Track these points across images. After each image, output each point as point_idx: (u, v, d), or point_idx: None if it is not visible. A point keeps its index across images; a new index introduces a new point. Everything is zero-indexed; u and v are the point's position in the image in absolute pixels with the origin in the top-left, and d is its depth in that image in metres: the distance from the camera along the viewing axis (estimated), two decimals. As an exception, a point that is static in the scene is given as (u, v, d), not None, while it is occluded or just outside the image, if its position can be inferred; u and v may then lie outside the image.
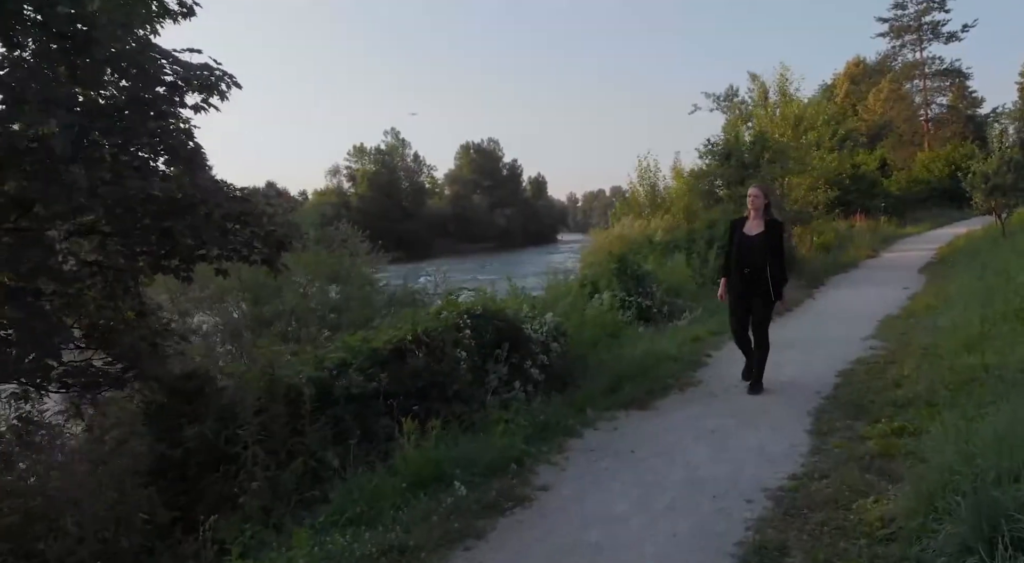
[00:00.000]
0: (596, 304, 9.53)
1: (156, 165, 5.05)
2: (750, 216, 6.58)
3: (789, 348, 8.38)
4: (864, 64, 58.18)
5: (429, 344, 5.87)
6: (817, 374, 7.04)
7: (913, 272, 16.73)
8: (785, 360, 7.69)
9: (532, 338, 6.57)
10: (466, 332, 6.14)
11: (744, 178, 18.55)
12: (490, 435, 4.92)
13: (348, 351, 5.77)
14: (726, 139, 19.61)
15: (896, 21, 56.82)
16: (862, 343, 8.37)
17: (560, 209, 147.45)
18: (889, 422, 5.04)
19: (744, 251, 6.48)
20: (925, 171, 42.68)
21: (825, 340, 8.75)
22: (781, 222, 6.74)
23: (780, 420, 5.58)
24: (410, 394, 5.53)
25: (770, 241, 6.43)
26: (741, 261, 6.49)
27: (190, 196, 5.16)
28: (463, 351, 5.94)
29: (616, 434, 5.38)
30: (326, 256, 12.56)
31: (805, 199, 21.22)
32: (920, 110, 55.76)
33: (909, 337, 8.27)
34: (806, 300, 12.79)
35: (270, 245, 5.53)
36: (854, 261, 20.01)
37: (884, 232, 28.45)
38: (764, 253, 6.38)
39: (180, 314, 10.72)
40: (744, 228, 6.56)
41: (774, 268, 6.41)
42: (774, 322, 10.34)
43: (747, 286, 6.48)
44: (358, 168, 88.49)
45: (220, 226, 5.33)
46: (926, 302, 10.77)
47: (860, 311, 11.03)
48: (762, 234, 6.44)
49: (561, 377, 6.96)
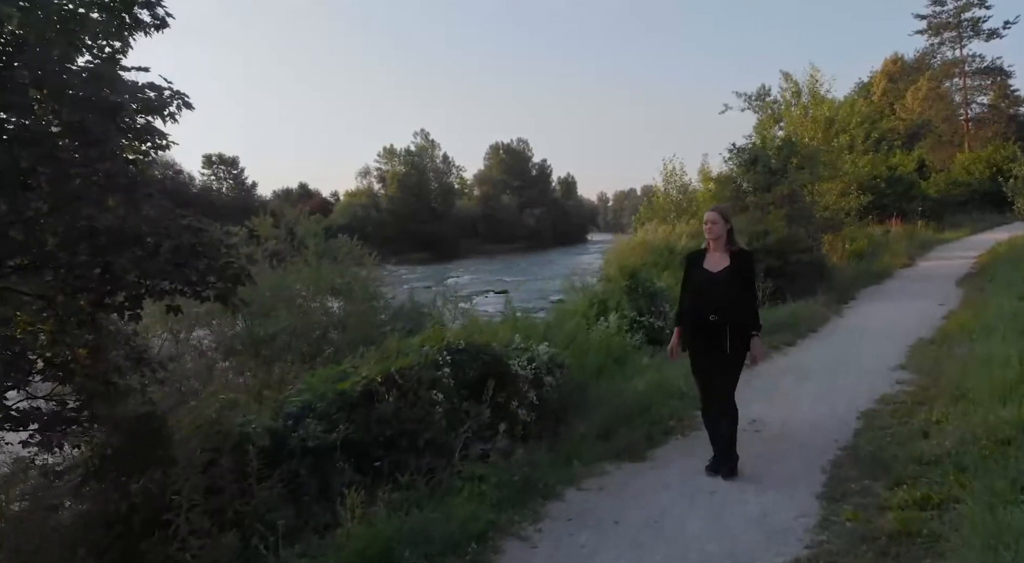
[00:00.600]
0: (603, 327, 8.94)
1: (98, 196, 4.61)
2: (709, 248, 5.24)
3: (808, 379, 7.76)
4: (902, 62, 56.63)
5: (402, 386, 5.36)
6: (837, 414, 6.41)
7: (950, 284, 15.85)
8: (803, 394, 7.07)
9: (520, 375, 6.01)
10: (445, 371, 5.62)
11: (771, 185, 17.83)
12: (457, 498, 4.38)
13: (312, 394, 5.30)
14: (752, 144, 18.85)
15: (935, 18, 55.23)
16: (890, 375, 7.69)
17: (590, 209, 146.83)
18: (912, 487, 4.41)
19: (705, 292, 5.11)
20: (965, 173, 41.23)
21: (850, 369, 8.09)
22: (750, 252, 5.39)
23: (789, 477, 4.98)
24: (377, 444, 5.03)
25: (738, 278, 5.08)
26: (702, 305, 5.08)
27: (134, 227, 4.72)
28: (440, 393, 5.42)
29: (602, 496, 4.79)
30: (328, 269, 12.12)
31: (836, 205, 20.37)
32: (960, 109, 54.14)
33: (941, 370, 7.56)
34: (833, 317, 12.07)
35: (225, 279, 5.07)
36: (888, 270, 19.12)
37: (921, 238, 27.35)
38: (731, 294, 5.03)
39: (173, 333, 10.36)
40: (705, 263, 5.20)
41: (745, 313, 5.09)
42: (794, 346, 9.77)
43: (710, 339, 5.08)
44: (388, 169, 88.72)
45: (170, 259, 4.88)
46: (962, 323, 9.99)
47: (891, 332, 10.31)
48: (728, 270, 5.08)
49: (555, 414, 6.42)
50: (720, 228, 5.15)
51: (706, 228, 5.23)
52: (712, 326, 5.01)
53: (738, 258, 5.15)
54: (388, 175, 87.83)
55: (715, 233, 5.15)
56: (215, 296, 5.07)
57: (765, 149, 18.37)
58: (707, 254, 5.23)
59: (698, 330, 5.15)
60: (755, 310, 5.22)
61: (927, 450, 5.09)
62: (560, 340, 8.40)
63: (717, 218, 5.18)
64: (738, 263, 5.12)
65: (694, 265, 5.27)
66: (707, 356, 5.17)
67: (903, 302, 13.46)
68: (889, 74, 55.36)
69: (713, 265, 5.15)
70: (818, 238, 18.45)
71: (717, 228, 5.15)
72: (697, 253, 5.37)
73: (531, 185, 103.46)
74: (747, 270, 5.17)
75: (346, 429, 4.91)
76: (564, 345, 8.20)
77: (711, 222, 5.18)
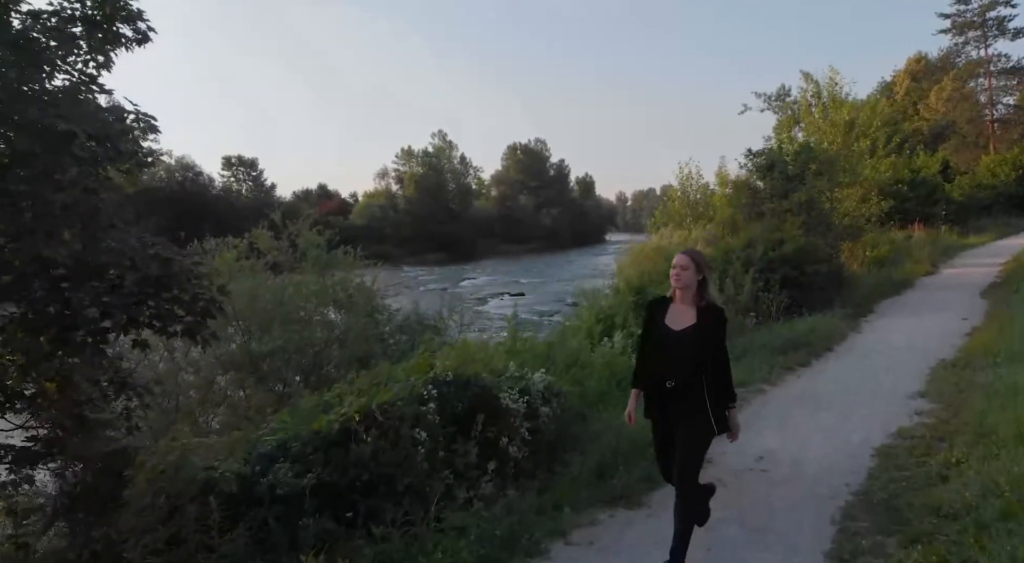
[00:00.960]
0: (607, 347, 8.60)
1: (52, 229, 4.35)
2: (675, 297, 4.29)
3: (821, 407, 7.36)
4: (926, 60, 55.61)
5: (383, 424, 5.05)
6: (850, 451, 6.02)
7: (974, 295, 15.34)
8: (814, 428, 6.68)
9: (512, 409, 5.68)
10: (430, 406, 5.30)
11: (788, 191, 17.36)
12: (431, 558, 4.06)
13: (287, 432, 5.01)
14: (769, 149, 18.37)
15: (959, 17, 54.13)
16: (908, 403, 7.28)
17: (608, 209, 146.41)
18: (928, 547, 4.03)
19: (664, 354, 4.23)
20: (990, 175, 40.29)
21: (865, 396, 7.68)
22: (722, 309, 4.37)
23: (796, 530, 4.61)
24: (354, 488, 4.73)
25: (705, 339, 4.16)
26: (659, 369, 4.23)
27: (95, 260, 4.45)
28: (423, 431, 5.10)
29: (592, 553, 4.43)
30: (330, 283, 11.83)
31: (856, 212, 19.82)
32: (985, 110, 53.00)
33: (963, 400, 7.15)
34: (850, 333, 11.62)
35: (194, 312, 4.79)
36: (910, 279, 18.58)
37: (945, 243, 26.68)
38: (697, 357, 4.12)
39: (169, 351, 10.12)
40: (667, 317, 4.27)
41: (714, 381, 4.16)
42: (809, 367, 9.36)
43: (671, 408, 4.22)
44: (406, 170, 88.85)
45: (135, 292, 4.61)
46: (986, 343, 9.53)
47: (910, 351, 9.88)
48: (693, 329, 4.16)
49: (550, 447, 6.10)
50: (690, 276, 4.21)
51: (673, 274, 4.24)
52: (672, 394, 4.17)
53: (707, 315, 4.19)
54: (406, 176, 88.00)
55: (683, 281, 4.22)
56: (183, 331, 4.81)
57: (782, 154, 17.90)
58: (671, 306, 4.29)
59: (654, 398, 4.30)
60: (727, 378, 4.26)
61: (946, 499, 4.70)
62: (562, 361, 8.09)
63: (688, 263, 4.23)
64: (707, 321, 4.18)
65: (654, 318, 4.34)
66: (666, 430, 4.31)
67: (924, 316, 12.98)
68: (912, 73, 54.40)
69: (676, 321, 4.22)
70: (837, 246, 17.96)
71: (687, 276, 4.21)
72: (660, 302, 4.41)
73: (548, 185, 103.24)
74: (716, 330, 4.22)
75: (319, 473, 4.62)
76: (566, 367, 7.90)
77: (680, 267, 4.23)
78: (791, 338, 10.16)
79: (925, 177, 31.74)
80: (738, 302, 12.55)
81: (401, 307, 13.70)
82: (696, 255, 4.34)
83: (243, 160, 77.41)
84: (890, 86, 54.99)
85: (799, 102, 24.64)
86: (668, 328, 4.23)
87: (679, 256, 4.28)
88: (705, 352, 4.14)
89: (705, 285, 4.24)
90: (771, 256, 13.87)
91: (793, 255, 13.89)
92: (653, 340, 4.33)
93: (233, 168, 77.06)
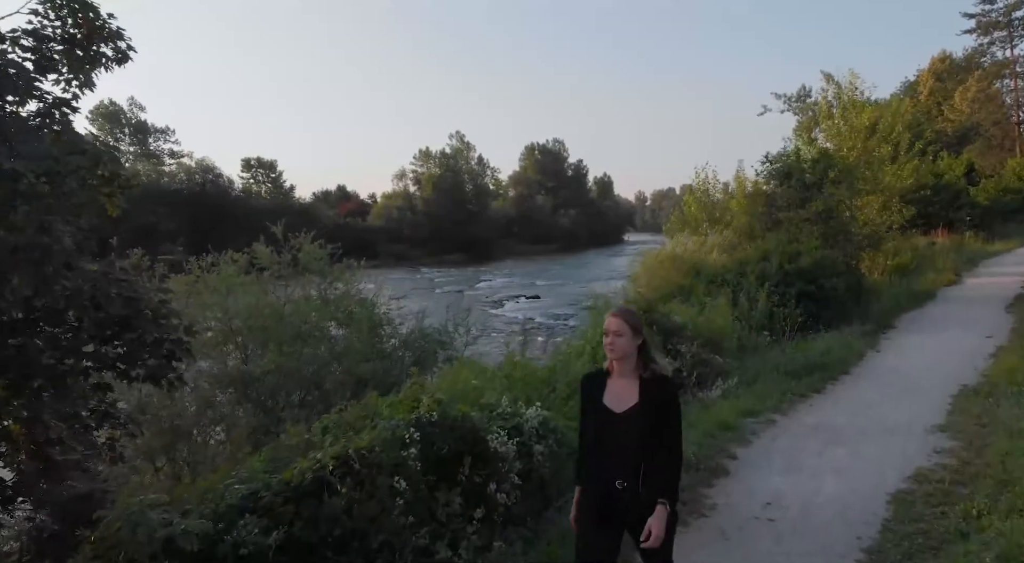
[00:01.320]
0: (610, 373, 8.22)
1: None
2: (613, 370, 3.42)
3: (835, 442, 6.98)
4: (950, 60, 54.57)
5: (359, 472, 4.75)
6: (864, 495, 5.63)
7: (998, 309, 14.84)
8: (826, 468, 6.29)
9: (500, 453, 5.36)
10: (411, 451, 4.99)
11: (805, 200, 16.89)
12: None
13: (256, 481, 4.73)
14: (786, 156, 17.90)
15: (984, 16, 52.94)
16: (927, 439, 6.88)
17: (627, 208, 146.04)
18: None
19: (605, 443, 3.39)
20: (1016, 179, 39.30)
21: (881, 429, 7.28)
22: (672, 381, 3.51)
23: (800, 596, 4.26)
24: (326, 544, 4.44)
25: (653, 421, 3.28)
26: (602, 463, 3.39)
27: (50, 304, 4.20)
28: (403, 480, 4.80)
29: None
30: (332, 299, 11.57)
31: (877, 220, 19.28)
32: (1011, 112, 51.82)
33: (985, 435, 6.74)
34: (868, 353, 11.18)
35: (158, 355, 4.53)
36: (932, 290, 18.06)
37: (969, 250, 26.04)
38: (642, 445, 3.28)
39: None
40: (605, 396, 3.39)
41: (656, 472, 3.27)
42: (823, 393, 8.93)
43: (611, 509, 3.35)
44: (423, 171, 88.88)
45: (95, 335, 4.36)
46: (1010, 367, 9.07)
47: (930, 375, 9.45)
48: (637, 409, 3.29)
49: (543, 488, 5.79)
50: (627, 343, 3.33)
51: (606, 343, 3.38)
52: (614, 490, 3.31)
53: (654, 389, 3.32)
54: (423, 177, 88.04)
55: (619, 350, 3.34)
56: (145, 375, 4.55)
57: (800, 161, 17.44)
58: (608, 381, 3.43)
59: (603, 501, 3.36)
60: (675, 471, 3.34)
61: (964, 561, 4.34)
62: (563, 389, 7.76)
63: (622, 327, 3.34)
64: (653, 396, 3.30)
65: (590, 397, 3.49)
66: (605, 533, 3.40)
67: (946, 333, 12.51)
68: (936, 73, 53.40)
69: (616, 400, 3.35)
70: (856, 256, 17.47)
71: (622, 343, 3.33)
72: (595, 376, 3.55)
73: (566, 185, 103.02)
74: (667, 409, 3.31)
75: (288, 529, 4.33)
76: (565, 398, 7.56)
77: (613, 333, 3.34)
78: (805, 360, 9.76)
79: (948, 182, 31.02)
80: (752, 318, 12.15)
81: (416, 310, 13.43)
82: (629, 317, 3.42)
83: (262, 162, 77.77)
84: (914, 86, 54.04)
85: (819, 104, 24.11)
86: (608, 411, 3.35)
87: (610, 319, 3.41)
88: (655, 438, 3.26)
89: (646, 350, 3.40)
90: (787, 269, 13.45)
91: (810, 269, 13.46)
92: (593, 426, 3.45)
93: (252, 170, 77.41)
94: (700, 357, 9.51)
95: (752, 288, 12.91)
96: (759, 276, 13.22)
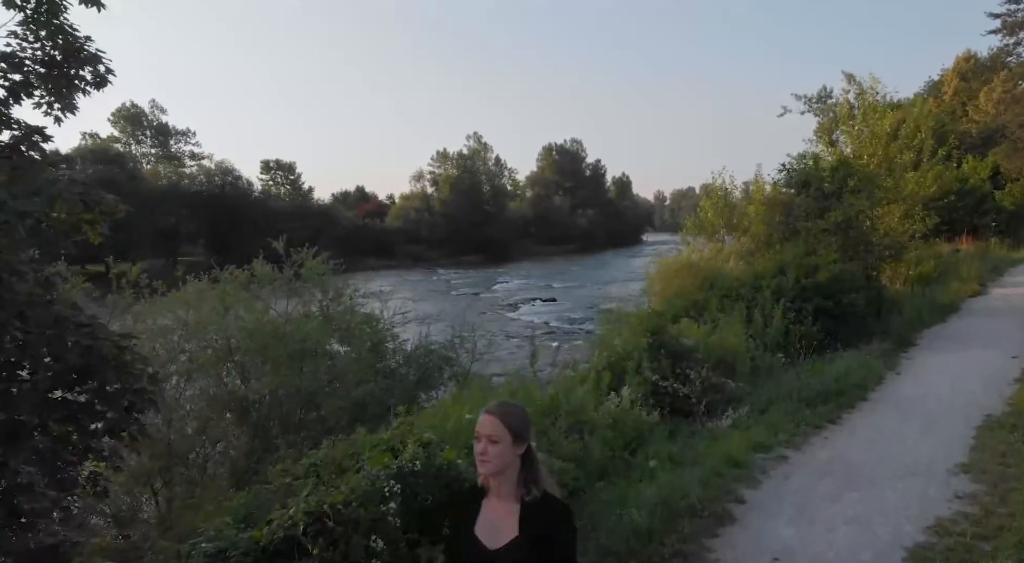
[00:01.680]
0: (614, 402, 7.89)
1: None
2: (489, 489, 2.62)
3: (849, 485, 6.57)
4: (975, 59, 53.42)
5: (333, 530, 4.46)
6: (878, 552, 5.23)
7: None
8: (839, 516, 5.89)
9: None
10: (391, 506, 4.69)
11: (824, 210, 16.40)
12: None
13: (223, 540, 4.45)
14: (804, 164, 17.41)
15: (1009, 16, 51.63)
16: (947, 482, 6.46)
17: (646, 208, 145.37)
18: None
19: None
20: (1043, 183, 38.38)
21: (899, 468, 6.86)
22: (565, 506, 2.62)
23: None
24: (295, 611, 4.15)
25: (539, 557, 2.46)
26: None
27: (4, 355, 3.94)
28: (380, 539, 4.50)
29: None
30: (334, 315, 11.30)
31: (898, 229, 18.72)
32: (1038, 114, 50.57)
33: (1010, 477, 6.33)
34: (888, 375, 10.73)
35: (117, 408, 4.26)
36: (955, 302, 17.50)
37: (994, 257, 25.35)
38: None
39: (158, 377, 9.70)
40: (477, 525, 2.59)
41: None
42: (838, 423, 8.49)
43: None
44: (441, 172, 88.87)
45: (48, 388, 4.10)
46: (1038, 395, 8.64)
47: (952, 402, 9.01)
48: (515, 545, 2.49)
49: (537, 539, 5.46)
50: (504, 453, 2.51)
51: (477, 451, 2.53)
52: None
53: (539, 517, 2.51)
54: (441, 178, 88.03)
55: (494, 464, 2.52)
56: (103, 429, 4.28)
57: (818, 170, 16.94)
58: (484, 502, 2.62)
59: None
60: None
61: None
62: (565, 420, 7.42)
63: (498, 431, 2.51)
64: (538, 527, 2.49)
65: (457, 526, 2.74)
66: None
67: (970, 352, 12.02)
68: (961, 72, 52.32)
69: (490, 531, 2.54)
70: (877, 268, 16.96)
71: (497, 453, 2.51)
72: (470, 495, 2.74)
73: (584, 186, 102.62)
74: (557, 546, 2.47)
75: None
76: (566, 430, 7.23)
77: (486, 438, 2.52)
78: (821, 386, 9.33)
79: (973, 186, 30.25)
80: (767, 336, 11.73)
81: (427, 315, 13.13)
82: (509, 416, 2.55)
83: (281, 164, 78.08)
84: (938, 85, 53.01)
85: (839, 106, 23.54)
86: (480, 545, 2.52)
87: (483, 417, 2.56)
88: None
89: (531, 462, 2.58)
90: (804, 284, 13.02)
91: (827, 283, 13.02)
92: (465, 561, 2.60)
93: (271, 172, 77.70)
94: (711, 382, 9.14)
95: (767, 304, 12.49)
96: (775, 291, 12.79)
